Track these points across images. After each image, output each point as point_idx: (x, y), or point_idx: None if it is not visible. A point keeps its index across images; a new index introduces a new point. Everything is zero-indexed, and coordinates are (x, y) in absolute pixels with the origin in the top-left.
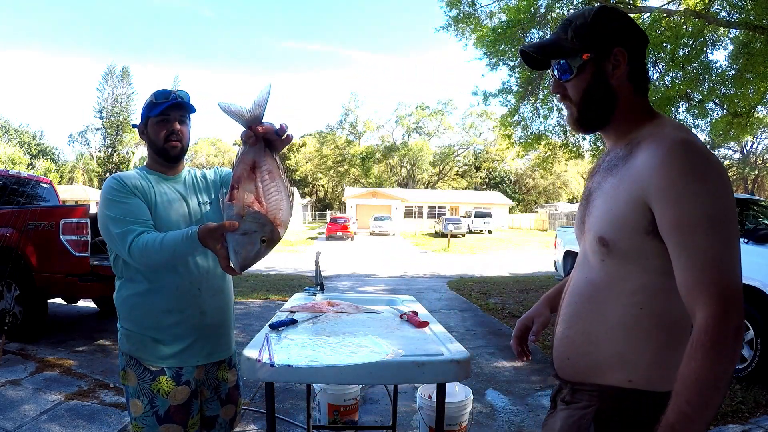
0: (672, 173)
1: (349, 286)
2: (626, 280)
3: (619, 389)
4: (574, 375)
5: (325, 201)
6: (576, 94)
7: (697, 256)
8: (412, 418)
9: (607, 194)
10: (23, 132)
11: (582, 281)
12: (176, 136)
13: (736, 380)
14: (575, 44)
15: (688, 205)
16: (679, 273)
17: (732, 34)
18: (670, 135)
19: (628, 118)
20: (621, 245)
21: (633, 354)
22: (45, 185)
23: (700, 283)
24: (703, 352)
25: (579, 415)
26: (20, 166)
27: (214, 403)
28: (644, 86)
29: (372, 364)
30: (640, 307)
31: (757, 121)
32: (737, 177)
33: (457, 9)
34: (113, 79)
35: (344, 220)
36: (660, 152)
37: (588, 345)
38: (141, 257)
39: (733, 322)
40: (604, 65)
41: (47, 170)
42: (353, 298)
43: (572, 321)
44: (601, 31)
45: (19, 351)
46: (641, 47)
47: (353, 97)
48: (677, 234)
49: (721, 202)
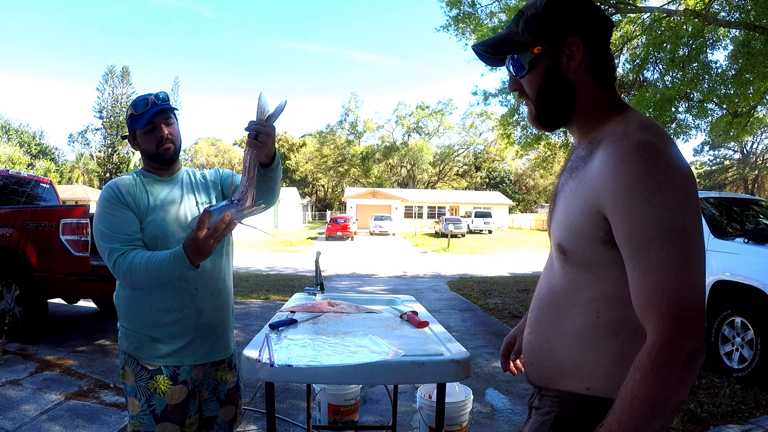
0: (626, 181)
1: (349, 286)
2: (584, 288)
3: (578, 395)
4: (539, 380)
5: (325, 201)
6: (531, 90)
7: (650, 271)
8: (412, 418)
9: (567, 198)
10: (23, 132)
11: (545, 287)
12: (167, 139)
13: (736, 380)
14: (526, 37)
15: (642, 216)
16: (632, 289)
17: (732, 34)
18: (629, 135)
19: (591, 113)
20: (578, 254)
21: (590, 362)
22: (45, 185)
23: (650, 302)
24: (642, 374)
25: (540, 421)
26: (20, 166)
27: (213, 403)
28: (609, 78)
29: (372, 364)
30: (596, 315)
31: (757, 121)
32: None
33: (457, 9)
34: (113, 79)
35: (344, 220)
36: (614, 156)
37: (547, 351)
38: (126, 278)
39: (684, 347)
40: (559, 58)
41: (47, 170)
42: (353, 298)
43: (534, 326)
44: (553, 20)
45: (19, 351)
46: (603, 35)
47: (353, 97)
48: (631, 247)
49: (680, 213)
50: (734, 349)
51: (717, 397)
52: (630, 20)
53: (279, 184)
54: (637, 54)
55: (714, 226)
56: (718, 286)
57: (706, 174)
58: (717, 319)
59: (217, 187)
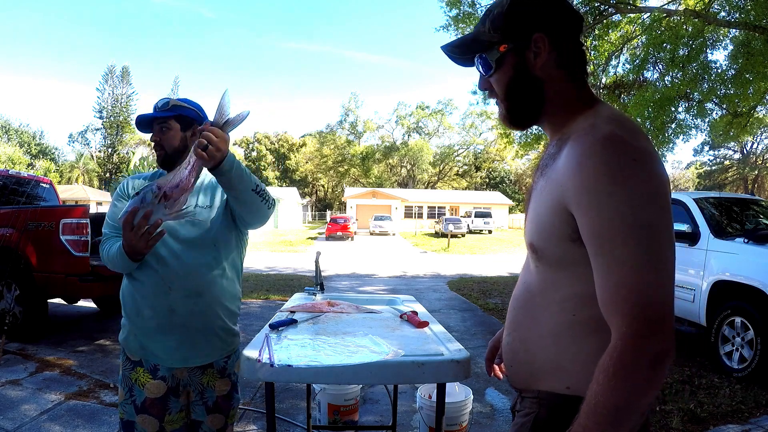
0: (589, 176)
1: (349, 286)
2: (558, 287)
3: (558, 395)
4: (519, 382)
5: (325, 201)
6: (500, 88)
7: (613, 270)
8: (412, 418)
9: (537, 196)
10: (23, 132)
11: (521, 287)
12: (157, 146)
13: (736, 380)
14: (492, 36)
15: (605, 212)
16: (597, 288)
17: (732, 34)
18: (595, 130)
19: (562, 109)
20: (549, 253)
21: (569, 361)
22: (45, 185)
23: (613, 302)
24: (605, 377)
25: (520, 423)
26: (20, 166)
27: (198, 407)
28: (580, 72)
29: (372, 364)
30: (572, 314)
31: (757, 121)
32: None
33: (457, 9)
34: (113, 79)
35: (344, 220)
36: (578, 151)
37: (525, 353)
38: (105, 262)
39: (649, 349)
40: (526, 55)
41: (47, 170)
42: (353, 298)
43: (511, 328)
44: (518, 18)
45: (19, 351)
46: (572, 29)
47: (353, 97)
48: (594, 244)
49: (646, 209)
50: (734, 349)
51: (717, 397)
52: (630, 20)
53: (256, 202)
54: (637, 54)
55: (714, 226)
56: (718, 286)
57: (706, 174)
58: (717, 319)
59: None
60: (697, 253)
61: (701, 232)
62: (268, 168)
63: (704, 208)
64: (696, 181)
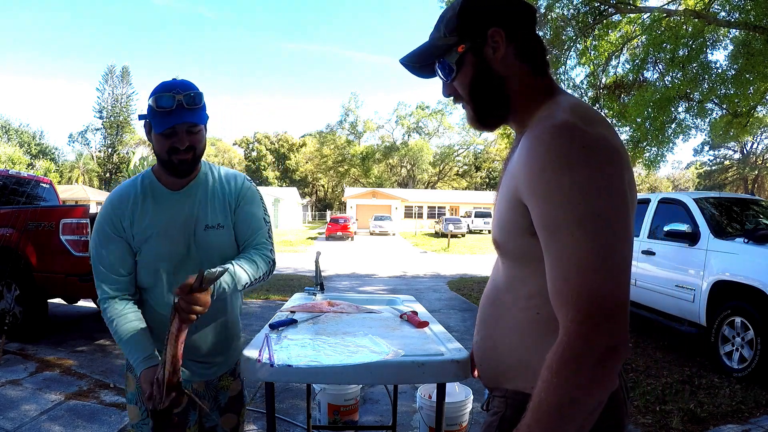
0: (537, 164)
1: (349, 286)
2: (522, 283)
3: (524, 394)
4: (488, 381)
5: (325, 201)
6: (463, 89)
7: (560, 261)
8: (412, 418)
9: (500, 193)
10: (23, 132)
11: (490, 285)
12: (187, 149)
13: (736, 380)
14: (449, 39)
15: (553, 201)
16: (548, 280)
17: (732, 34)
18: (549, 118)
19: (526, 103)
20: (510, 248)
21: (533, 359)
22: (45, 185)
23: (560, 294)
24: (549, 374)
25: (488, 422)
26: (20, 166)
27: (213, 413)
28: (540, 63)
29: (372, 364)
30: (536, 311)
31: (756, 121)
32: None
33: None
34: (113, 79)
35: (344, 220)
36: (530, 141)
37: (492, 351)
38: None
39: (595, 345)
40: (484, 52)
41: (47, 170)
42: (353, 298)
43: (480, 326)
44: (471, 16)
45: (19, 351)
46: (526, 21)
47: (353, 97)
48: (543, 235)
49: (597, 198)
50: (734, 349)
51: (717, 397)
52: (630, 20)
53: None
54: (637, 54)
55: (714, 226)
56: (718, 286)
57: (706, 174)
58: (717, 319)
59: (233, 207)
60: (697, 253)
61: (701, 232)
62: (268, 168)
63: (704, 208)
64: (696, 181)
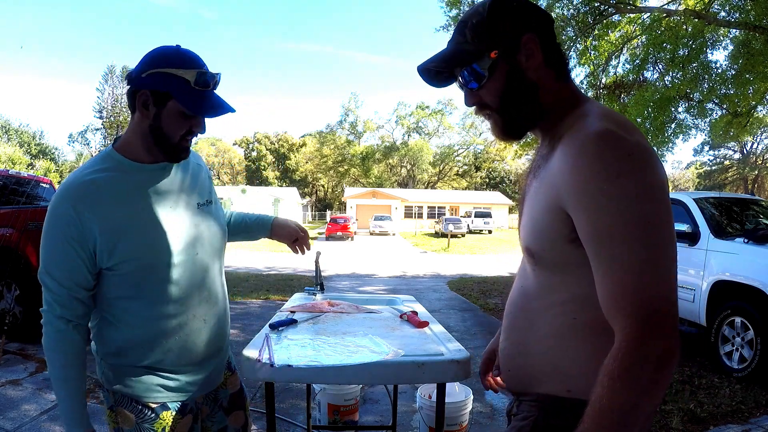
0: (583, 174)
1: (349, 286)
2: (556, 290)
3: (558, 398)
4: (516, 386)
5: (325, 201)
6: (493, 99)
7: (613, 269)
8: (412, 418)
9: (531, 200)
10: (23, 132)
11: (517, 291)
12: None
13: (736, 380)
14: (478, 44)
15: (601, 211)
16: (598, 289)
17: (732, 34)
18: (587, 127)
19: (553, 109)
20: (546, 256)
21: (570, 363)
22: (45, 185)
23: (615, 303)
24: (610, 380)
25: (518, 427)
26: (20, 166)
27: (218, 414)
28: (565, 69)
29: (372, 364)
30: (573, 317)
31: (757, 121)
32: (737, 177)
33: (457, 9)
34: (113, 79)
35: (344, 220)
36: (572, 150)
37: (524, 356)
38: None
39: (654, 349)
40: (517, 58)
41: (47, 170)
42: (353, 298)
43: (508, 332)
44: (503, 22)
45: (19, 351)
46: (548, 27)
47: (353, 97)
48: (593, 244)
49: (643, 204)
50: (734, 349)
51: (717, 397)
52: (630, 20)
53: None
54: (637, 54)
55: (714, 226)
56: (718, 286)
57: (706, 174)
58: (717, 319)
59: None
60: (697, 253)
61: (701, 232)
62: (268, 168)
63: (704, 208)
64: (696, 181)
